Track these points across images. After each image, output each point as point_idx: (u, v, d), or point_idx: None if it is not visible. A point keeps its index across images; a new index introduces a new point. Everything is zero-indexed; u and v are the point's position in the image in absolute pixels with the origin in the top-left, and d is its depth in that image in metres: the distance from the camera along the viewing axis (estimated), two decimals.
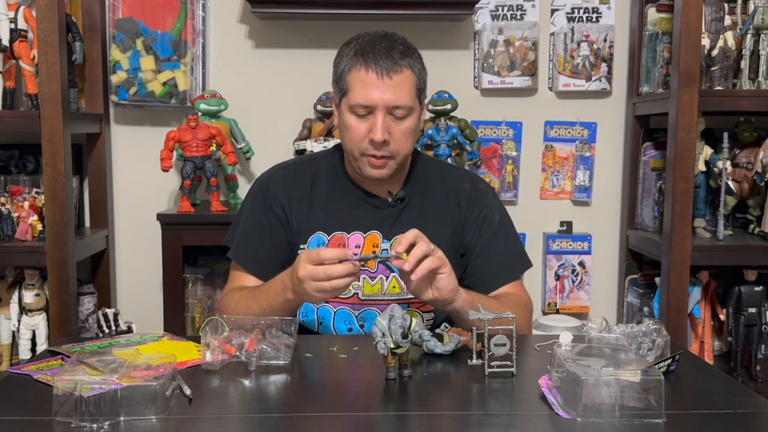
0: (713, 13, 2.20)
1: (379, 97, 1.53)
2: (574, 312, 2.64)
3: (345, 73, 1.57)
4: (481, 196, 1.71)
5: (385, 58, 1.53)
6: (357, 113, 1.56)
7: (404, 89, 1.55)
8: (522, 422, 1.13)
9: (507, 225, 1.73)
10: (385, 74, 1.53)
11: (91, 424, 1.07)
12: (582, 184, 2.65)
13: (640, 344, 1.31)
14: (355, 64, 1.55)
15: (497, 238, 1.69)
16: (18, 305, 2.26)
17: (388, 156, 1.58)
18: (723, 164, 2.23)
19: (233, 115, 2.51)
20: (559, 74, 2.60)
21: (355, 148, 1.59)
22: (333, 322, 1.65)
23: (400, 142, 1.58)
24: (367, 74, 1.53)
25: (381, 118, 1.54)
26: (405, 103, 1.55)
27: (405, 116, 1.56)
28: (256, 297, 1.58)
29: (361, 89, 1.54)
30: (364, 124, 1.56)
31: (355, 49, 1.57)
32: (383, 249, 1.64)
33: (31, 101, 2.17)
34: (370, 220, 1.66)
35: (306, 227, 1.66)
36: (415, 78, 1.57)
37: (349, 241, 1.64)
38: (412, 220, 1.66)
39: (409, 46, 1.59)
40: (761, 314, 2.26)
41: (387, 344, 1.23)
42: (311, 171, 1.71)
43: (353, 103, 1.55)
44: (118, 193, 2.63)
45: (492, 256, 1.68)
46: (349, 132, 1.58)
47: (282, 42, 2.59)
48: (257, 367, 1.31)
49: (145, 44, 2.46)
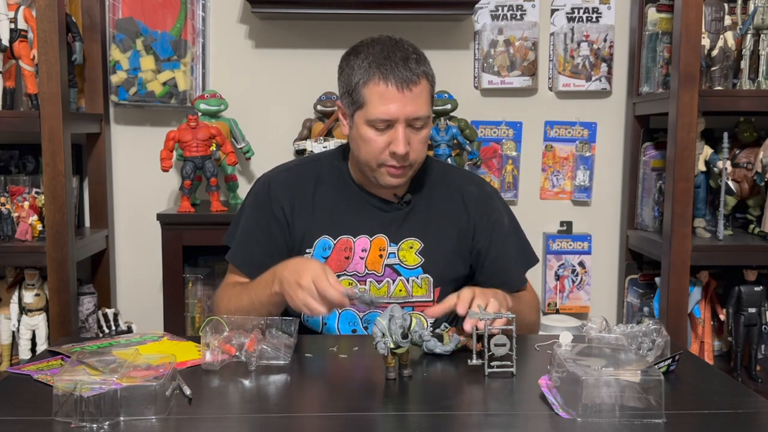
0: (713, 13, 2.20)
1: (400, 111, 1.50)
2: (574, 312, 2.64)
3: (360, 87, 1.53)
4: (488, 200, 1.71)
5: (404, 69, 1.50)
6: (376, 127, 1.53)
7: (423, 100, 1.53)
8: (522, 422, 1.13)
9: (514, 225, 1.74)
10: (405, 87, 1.50)
11: (91, 424, 1.07)
12: (582, 184, 2.65)
13: (640, 344, 1.31)
14: (372, 77, 1.51)
15: (509, 242, 1.70)
16: (18, 305, 2.26)
17: (407, 166, 1.57)
18: (723, 164, 2.23)
19: (233, 115, 2.51)
20: (559, 74, 2.60)
21: (373, 160, 1.56)
22: (337, 324, 1.65)
23: (418, 152, 1.57)
24: (387, 88, 1.50)
25: (402, 131, 1.52)
26: (424, 114, 1.54)
27: (423, 126, 1.55)
28: (247, 289, 1.58)
29: (380, 104, 1.51)
30: (383, 137, 1.53)
31: (369, 60, 1.52)
32: (390, 252, 1.63)
33: (31, 101, 2.17)
34: (376, 223, 1.65)
35: (311, 231, 1.65)
36: (429, 86, 1.56)
37: (355, 245, 1.63)
38: (419, 223, 1.65)
39: (419, 53, 1.56)
40: (761, 314, 2.26)
41: (387, 344, 1.23)
42: (314, 174, 1.69)
43: (373, 118, 1.52)
44: (118, 193, 2.63)
45: (506, 261, 1.69)
46: (366, 145, 1.55)
47: (282, 42, 2.59)
48: (257, 367, 1.31)
49: (145, 44, 2.46)
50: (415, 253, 1.64)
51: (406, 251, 1.64)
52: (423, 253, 1.64)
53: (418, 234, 1.65)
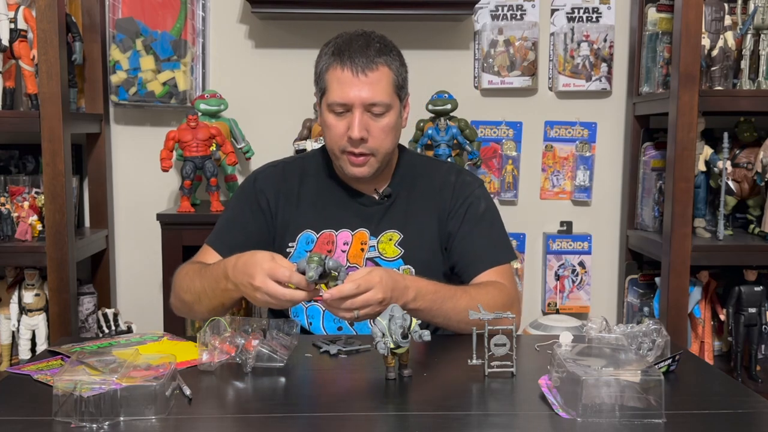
0: (713, 13, 2.20)
1: (355, 95, 1.55)
2: (574, 312, 2.64)
3: (323, 72, 1.61)
4: (465, 186, 1.72)
5: (360, 56, 1.56)
6: (335, 111, 1.59)
7: (381, 86, 1.57)
8: (522, 422, 1.13)
9: (492, 214, 1.73)
10: (360, 72, 1.55)
11: (91, 424, 1.07)
12: (582, 184, 2.65)
13: (640, 344, 1.31)
14: (332, 63, 1.58)
15: (481, 225, 1.69)
16: (18, 305, 2.26)
17: (368, 153, 1.59)
18: (723, 164, 2.23)
19: (233, 115, 2.51)
20: (559, 74, 2.60)
21: (335, 146, 1.61)
22: (322, 322, 1.65)
23: (380, 139, 1.59)
24: (343, 72, 1.56)
25: (358, 115, 1.56)
26: (382, 100, 1.57)
27: (383, 113, 1.58)
28: (200, 275, 1.57)
29: (338, 88, 1.57)
30: (343, 122, 1.58)
31: (333, 48, 1.60)
32: (370, 246, 1.65)
33: (31, 101, 2.17)
34: (358, 217, 1.68)
35: (294, 225, 1.68)
36: (392, 75, 1.59)
37: (337, 239, 1.66)
38: (399, 216, 1.68)
39: (386, 44, 1.61)
40: (761, 314, 2.26)
41: (387, 344, 1.23)
42: (299, 169, 1.74)
43: (331, 102, 1.58)
44: (118, 193, 2.63)
45: (474, 241, 1.67)
46: (328, 130, 1.61)
47: (282, 42, 2.59)
48: (257, 367, 1.31)
49: (145, 44, 2.46)
50: (395, 244, 1.65)
51: (386, 243, 1.65)
52: (402, 245, 1.65)
53: (397, 226, 1.67)
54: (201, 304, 1.56)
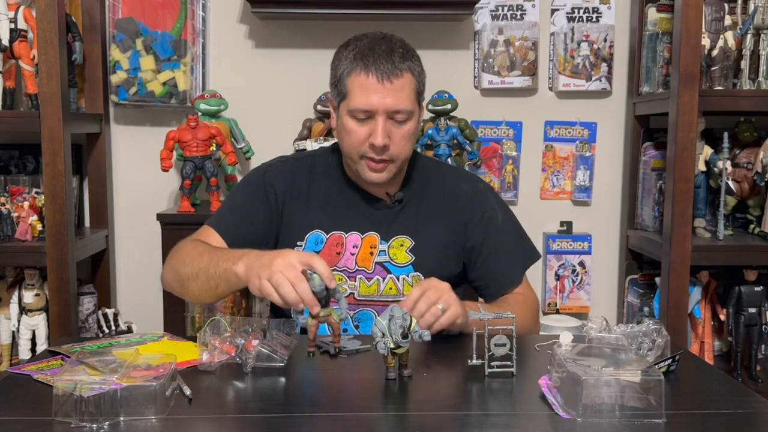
0: (713, 13, 2.20)
1: (379, 102, 1.52)
2: (574, 312, 2.64)
3: (344, 77, 1.55)
4: (480, 196, 1.71)
5: (386, 62, 1.52)
6: (357, 117, 1.55)
7: (405, 93, 1.53)
8: (522, 422, 1.13)
9: (510, 222, 1.73)
10: (386, 79, 1.51)
11: (91, 424, 1.06)
12: (582, 184, 2.65)
13: (640, 344, 1.31)
14: (355, 68, 1.53)
15: (505, 239, 1.70)
16: (18, 305, 2.26)
17: (388, 160, 1.57)
18: (723, 164, 2.23)
19: (233, 115, 2.51)
20: (559, 74, 2.60)
21: (355, 152, 1.58)
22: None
23: (400, 146, 1.57)
24: (368, 79, 1.52)
25: (381, 122, 1.53)
26: (405, 108, 1.54)
27: (405, 120, 1.55)
28: (212, 253, 1.51)
29: (362, 94, 1.52)
30: (364, 128, 1.55)
31: (354, 52, 1.55)
32: (380, 250, 1.64)
33: (31, 101, 2.17)
34: (368, 221, 1.66)
35: (303, 223, 1.66)
36: (415, 81, 1.56)
37: (347, 241, 1.64)
38: (410, 221, 1.66)
39: (408, 49, 1.58)
40: (761, 314, 2.26)
41: (387, 344, 1.23)
42: (309, 167, 1.71)
43: (353, 108, 1.54)
44: (118, 193, 2.63)
45: (501, 257, 1.68)
46: (348, 135, 1.57)
47: (282, 42, 2.59)
48: (257, 367, 1.31)
49: (145, 44, 2.46)
50: (406, 251, 1.64)
51: (397, 249, 1.64)
52: (414, 251, 1.64)
53: (408, 232, 1.65)
54: (197, 281, 1.50)
